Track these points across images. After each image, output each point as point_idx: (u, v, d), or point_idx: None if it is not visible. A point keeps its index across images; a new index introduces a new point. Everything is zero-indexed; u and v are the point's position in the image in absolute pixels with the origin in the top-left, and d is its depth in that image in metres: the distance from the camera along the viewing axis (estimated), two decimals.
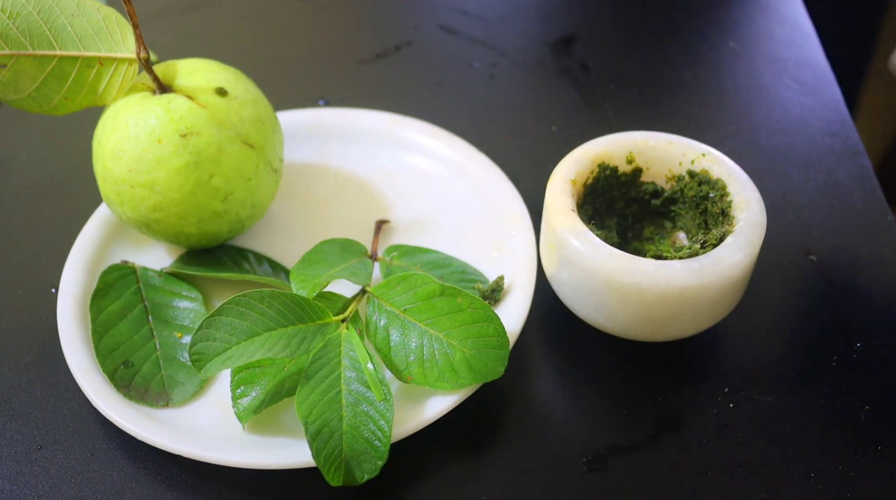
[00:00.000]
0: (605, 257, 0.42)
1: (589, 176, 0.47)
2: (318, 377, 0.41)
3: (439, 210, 0.54)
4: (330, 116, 0.58)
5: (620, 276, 0.41)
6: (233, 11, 0.74)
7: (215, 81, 0.48)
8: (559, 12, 0.74)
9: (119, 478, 0.43)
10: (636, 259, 0.42)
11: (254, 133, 0.48)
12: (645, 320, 0.43)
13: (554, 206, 0.45)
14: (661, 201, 0.49)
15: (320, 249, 0.49)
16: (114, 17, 0.47)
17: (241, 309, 0.41)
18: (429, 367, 0.42)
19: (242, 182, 0.47)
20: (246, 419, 0.42)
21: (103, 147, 0.47)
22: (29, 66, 0.46)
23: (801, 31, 0.70)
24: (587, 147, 0.48)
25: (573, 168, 0.47)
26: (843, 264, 0.52)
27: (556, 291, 0.47)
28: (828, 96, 0.64)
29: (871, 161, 0.59)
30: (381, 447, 0.40)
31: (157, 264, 0.50)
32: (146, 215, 0.47)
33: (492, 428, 0.44)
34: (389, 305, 0.44)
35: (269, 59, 0.68)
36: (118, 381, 0.44)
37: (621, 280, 0.41)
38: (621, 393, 0.46)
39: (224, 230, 0.49)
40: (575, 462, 0.43)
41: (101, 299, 0.48)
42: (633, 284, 0.41)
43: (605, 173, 0.48)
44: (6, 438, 0.45)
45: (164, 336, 0.47)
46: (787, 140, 0.60)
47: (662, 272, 0.41)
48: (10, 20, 0.45)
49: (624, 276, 0.41)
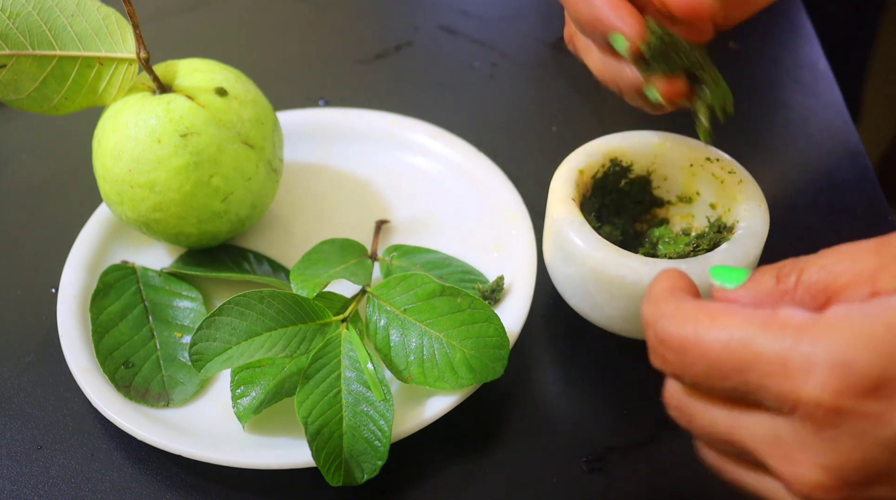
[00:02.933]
0: (594, 247, 0.42)
1: (599, 169, 0.47)
2: (318, 377, 0.41)
3: (439, 210, 0.54)
4: (330, 116, 0.58)
5: (606, 268, 0.42)
6: (233, 11, 0.74)
7: (215, 81, 0.48)
8: (559, 12, 0.73)
9: (119, 478, 0.43)
10: (624, 253, 0.42)
11: (254, 133, 0.48)
12: (630, 315, 0.43)
13: (555, 193, 0.45)
14: (666, 208, 0.49)
15: (320, 249, 0.49)
16: (114, 17, 0.47)
17: (241, 309, 0.41)
18: (429, 367, 0.42)
19: (242, 182, 0.47)
20: (246, 419, 0.42)
21: (103, 147, 0.47)
22: (29, 66, 0.46)
23: (801, 31, 0.70)
24: (602, 141, 0.48)
25: (583, 159, 0.47)
26: None
27: (551, 277, 0.47)
28: (828, 97, 0.64)
29: (871, 161, 0.59)
30: (381, 447, 0.40)
31: (157, 264, 0.50)
32: (146, 215, 0.47)
33: (492, 428, 0.44)
34: (389, 305, 0.44)
35: (269, 59, 0.68)
36: (118, 381, 0.44)
37: (607, 272, 0.42)
38: (621, 393, 0.46)
39: (224, 230, 0.49)
40: (575, 462, 0.43)
41: (102, 300, 0.48)
42: (617, 276, 0.41)
43: (616, 169, 0.48)
44: (6, 438, 0.45)
45: (165, 336, 0.47)
46: (787, 140, 0.60)
47: (647, 269, 0.41)
48: (10, 20, 0.45)
49: (609, 268, 0.41)
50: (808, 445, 0.27)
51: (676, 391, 0.31)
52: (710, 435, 0.31)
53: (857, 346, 0.26)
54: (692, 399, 0.31)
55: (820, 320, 0.27)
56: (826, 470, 0.27)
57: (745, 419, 0.29)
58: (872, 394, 0.26)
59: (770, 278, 0.31)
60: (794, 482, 0.28)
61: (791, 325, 0.28)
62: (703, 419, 0.30)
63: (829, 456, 0.27)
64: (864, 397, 0.26)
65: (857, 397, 0.26)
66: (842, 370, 0.26)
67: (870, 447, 0.26)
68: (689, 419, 0.31)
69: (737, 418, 0.29)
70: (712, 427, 0.30)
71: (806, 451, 0.27)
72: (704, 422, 0.30)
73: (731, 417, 0.29)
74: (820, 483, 0.27)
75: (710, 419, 0.30)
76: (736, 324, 0.28)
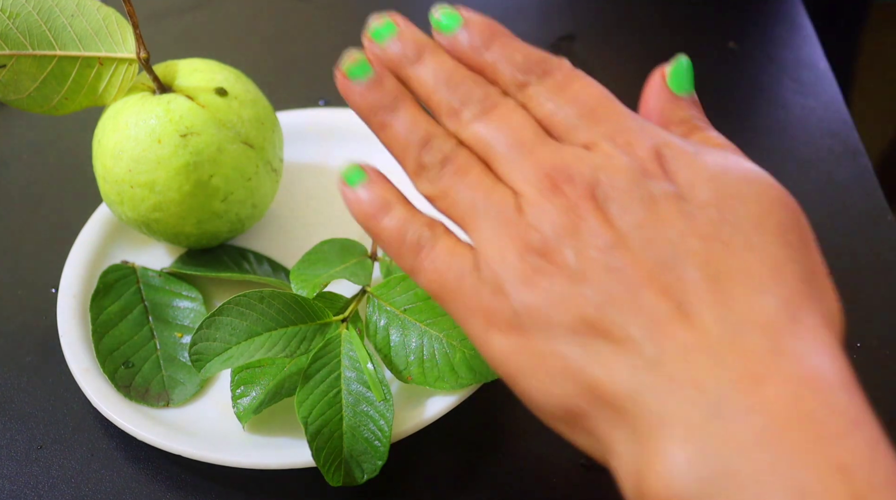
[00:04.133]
0: None
1: None
2: (318, 377, 0.41)
3: None
4: (330, 116, 0.58)
5: None
6: (233, 11, 0.74)
7: (215, 81, 0.48)
8: (559, 12, 0.74)
9: (119, 478, 0.43)
10: None
11: (254, 133, 0.48)
12: None
13: None
14: None
15: (320, 249, 0.49)
16: (114, 17, 0.47)
17: (241, 309, 0.41)
18: (429, 367, 0.42)
19: (242, 182, 0.47)
20: (246, 419, 0.42)
21: (103, 147, 0.47)
22: (29, 66, 0.46)
23: (801, 31, 0.70)
24: None
25: None
26: (842, 264, 0.52)
27: None
28: (828, 96, 0.64)
29: (871, 161, 0.59)
30: (381, 447, 0.40)
31: (157, 264, 0.50)
32: (146, 215, 0.47)
33: (492, 428, 0.44)
34: (389, 305, 0.44)
35: (269, 59, 0.68)
36: (118, 381, 0.44)
37: None
38: None
39: (224, 230, 0.49)
40: (574, 463, 0.43)
41: (102, 300, 0.48)
42: None
43: None
44: (6, 438, 0.45)
45: (165, 336, 0.47)
46: (787, 140, 0.60)
47: None
48: (10, 20, 0.45)
49: None
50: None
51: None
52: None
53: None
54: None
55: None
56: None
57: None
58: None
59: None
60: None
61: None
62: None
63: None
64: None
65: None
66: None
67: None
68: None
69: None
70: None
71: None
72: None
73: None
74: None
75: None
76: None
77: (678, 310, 0.28)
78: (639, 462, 0.28)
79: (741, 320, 0.28)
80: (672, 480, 0.26)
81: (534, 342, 0.30)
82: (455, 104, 0.34)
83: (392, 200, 0.35)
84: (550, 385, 0.30)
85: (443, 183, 0.33)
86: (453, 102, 0.34)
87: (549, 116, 0.33)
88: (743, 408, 0.26)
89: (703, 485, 0.26)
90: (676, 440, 0.26)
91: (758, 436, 0.26)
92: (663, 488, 0.26)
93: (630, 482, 0.28)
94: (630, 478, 0.28)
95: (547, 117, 0.33)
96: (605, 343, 0.29)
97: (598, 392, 0.29)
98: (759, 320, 0.28)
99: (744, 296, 0.28)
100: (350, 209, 0.35)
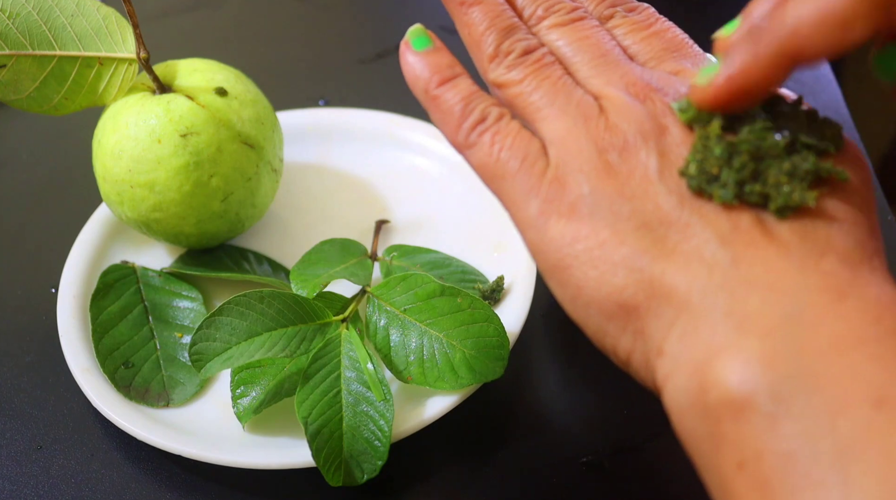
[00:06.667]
0: None
1: None
2: (317, 377, 0.41)
3: (439, 210, 0.54)
4: (330, 116, 0.58)
5: None
6: (233, 11, 0.74)
7: (215, 81, 0.48)
8: None
9: (119, 478, 0.43)
10: None
11: (254, 133, 0.48)
12: None
13: None
14: None
15: (320, 249, 0.49)
16: (114, 17, 0.47)
17: (241, 309, 0.41)
18: (429, 367, 0.42)
19: (242, 182, 0.47)
20: (246, 419, 0.42)
21: (103, 147, 0.47)
22: (29, 66, 0.46)
23: None
24: None
25: None
26: None
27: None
28: (828, 96, 0.64)
29: (871, 161, 0.58)
30: (381, 447, 0.40)
31: (157, 264, 0.50)
32: (146, 215, 0.47)
33: (492, 428, 0.44)
34: (389, 305, 0.44)
35: (269, 59, 0.68)
36: (118, 381, 0.44)
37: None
38: (621, 393, 0.46)
39: (224, 230, 0.49)
40: (575, 462, 0.43)
41: (101, 300, 0.48)
42: None
43: None
44: (6, 438, 0.45)
45: (165, 336, 0.47)
46: None
47: None
48: (10, 20, 0.45)
49: None
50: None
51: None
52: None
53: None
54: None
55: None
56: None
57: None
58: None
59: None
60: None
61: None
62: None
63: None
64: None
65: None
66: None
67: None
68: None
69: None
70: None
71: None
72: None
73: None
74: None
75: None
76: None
77: (760, 224, 0.29)
78: (703, 360, 0.27)
79: (822, 247, 0.28)
80: (745, 374, 0.26)
81: (598, 231, 0.30)
82: (541, 12, 0.35)
83: (460, 71, 0.35)
84: (610, 276, 0.30)
85: (520, 71, 0.33)
86: (540, 7, 0.35)
87: (631, 45, 0.34)
88: (826, 315, 0.26)
89: (779, 383, 0.26)
90: (753, 337, 0.26)
91: (838, 343, 0.26)
92: (737, 382, 0.26)
93: (686, 381, 0.28)
94: (687, 377, 0.28)
95: (629, 47, 0.34)
96: (679, 242, 0.29)
97: (660, 286, 0.29)
98: (838, 250, 0.28)
99: (823, 229, 0.29)
100: (408, 74, 0.35)
